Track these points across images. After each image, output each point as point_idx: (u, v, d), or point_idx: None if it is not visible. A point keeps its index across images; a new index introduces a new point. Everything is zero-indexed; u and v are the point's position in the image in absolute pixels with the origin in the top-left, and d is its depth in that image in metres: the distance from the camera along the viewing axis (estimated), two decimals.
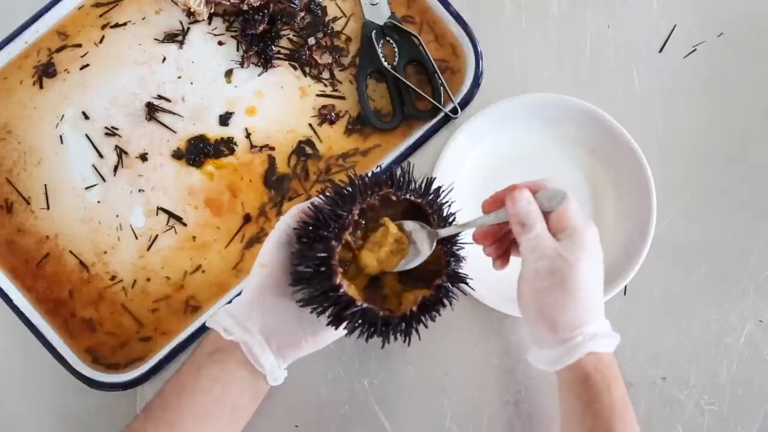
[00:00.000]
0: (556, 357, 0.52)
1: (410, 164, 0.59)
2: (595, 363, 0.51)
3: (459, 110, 0.68)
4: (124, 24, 0.71)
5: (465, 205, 0.69)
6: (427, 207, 0.53)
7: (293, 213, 0.55)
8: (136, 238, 0.69)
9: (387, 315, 0.51)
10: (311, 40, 0.70)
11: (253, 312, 0.54)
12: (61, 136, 0.70)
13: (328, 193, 0.53)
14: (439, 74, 0.68)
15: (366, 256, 0.54)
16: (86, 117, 0.70)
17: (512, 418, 0.67)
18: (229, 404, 0.53)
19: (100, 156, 0.70)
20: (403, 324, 0.51)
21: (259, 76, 0.70)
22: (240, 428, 0.56)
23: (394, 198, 0.52)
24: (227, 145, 0.70)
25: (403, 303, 0.53)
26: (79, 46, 0.71)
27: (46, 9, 0.70)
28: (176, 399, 0.53)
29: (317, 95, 0.70)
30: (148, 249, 0.69)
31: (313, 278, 0.51)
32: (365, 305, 0.50)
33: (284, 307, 0.54)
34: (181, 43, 0.71)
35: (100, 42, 0.71)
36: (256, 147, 0.70)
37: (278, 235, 0.55)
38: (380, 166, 0.68)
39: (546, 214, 0.53)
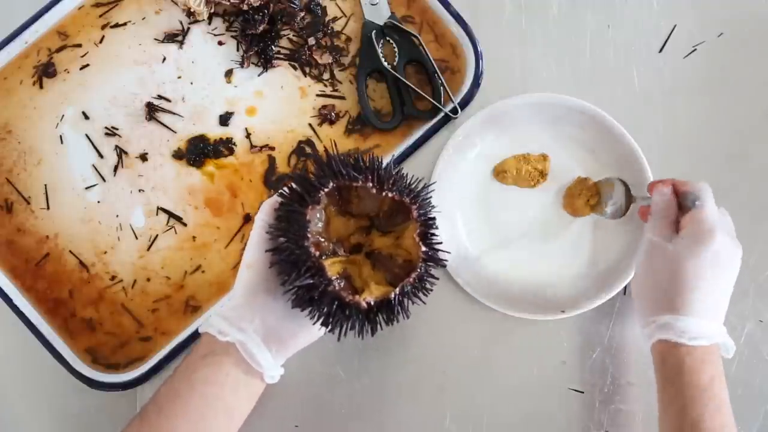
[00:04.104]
0: (643, 336, 0.58)
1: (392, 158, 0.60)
2: (665, 351, 0.55)
3: (459, 110, 0.68)
4: (124, 24, 0.71)
5: (465, 205, 0.69)
6: (411, 204, 0.53)
7: (266, 209, 0.56)
8: (136, 238, 0.69)
9: (351, 299, 0.51)
10: (311, 40, 0.70)
11: (246, 313, 0.54)
12: (61, 136, 0.70)
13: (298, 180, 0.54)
14: (439, 74, 0.68)
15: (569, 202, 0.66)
16: (86, 117, 0.70)
17: (512, 418, 0.67)
18: (224, 407, 0.53)
19: (100, 156, 0.70)
20: (360, 314, 0.52)
21: (259, 76, 0.70)
22: (236, 430, 0.56)
23: (374, 191, 0.52)
24: (227, 146, 0.70)
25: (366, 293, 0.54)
26: (79, 46, 0.71)
27: (46, 9, 0.70)
28: (171, 404, 0.53)
29: (317, 95, 0.70)
30: (148, 249, 0.69)
31: (287, 248, 0.52)
32: (332, 278, 0.51)
33: (276, 303, 0.54)
34: (181, 43, 0.71)
35: (100, 42, 0.71)
36: (256, 147, 0.70)
37: (259, 233, 0.55)
38: None
39: (687, 211, 0.59)
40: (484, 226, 0.68)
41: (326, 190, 0.52)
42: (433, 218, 0.55)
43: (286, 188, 0.55)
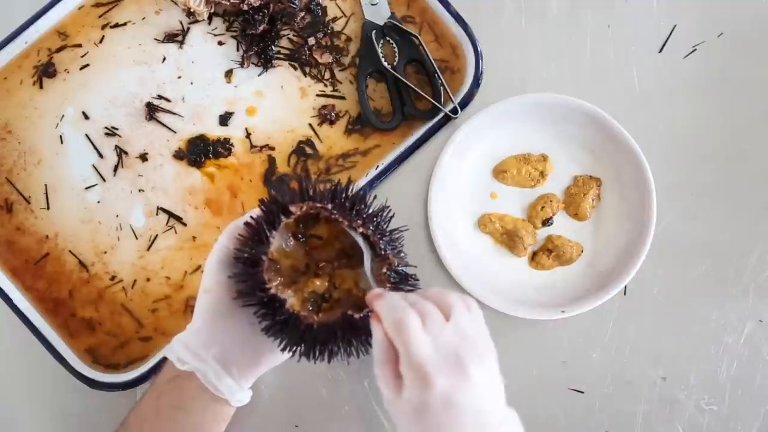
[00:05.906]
0: None
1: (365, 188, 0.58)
2: None
3: (459, 110, 0.68)
4: (124, 24, 0.71)
5: (463, 206, 0.69)
6: (373, 236, 0.52)
7: (228, 233, 0.54)
8: (136, 238, 0.69)
9: (300, 314, 0.50)
10: (311, 40, 0.70)
11: (205, 339, 0.53)
12: (61, 136, 0.70)
13: (263, 207, 0.53)
14: (439, 74, 0.68)
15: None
16: (86, 117, 0.70)
17: None
18: (193, 430, 0.53)
19: (100, 156, 0.70)
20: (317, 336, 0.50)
21: (259, 76, 0.70)
22: None
23: (328, 214, 0.52)
24: (227, 146, 0.70)
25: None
26: (79, 46, 0.71)
27: (46, 9, 0.70)
28: (139, 429, 0.53)
29: (317, 95, 0.70)
30: (148, 249, 0.69)
31: (246, 278, 0.51)
32: (289, 305, 0.50)
33: (236, 328, 0.53)
34: (181, 43, 0.71)
35: (100, 42, 0.71)
36: (256, 147, 0.70)
37: (217, 258, 0.54)
38: (379, 166, 0.69)
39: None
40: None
41: (286, 220, 0.51)
42: (402, 257, 0.54)
43: (252, 214, 0.54)
